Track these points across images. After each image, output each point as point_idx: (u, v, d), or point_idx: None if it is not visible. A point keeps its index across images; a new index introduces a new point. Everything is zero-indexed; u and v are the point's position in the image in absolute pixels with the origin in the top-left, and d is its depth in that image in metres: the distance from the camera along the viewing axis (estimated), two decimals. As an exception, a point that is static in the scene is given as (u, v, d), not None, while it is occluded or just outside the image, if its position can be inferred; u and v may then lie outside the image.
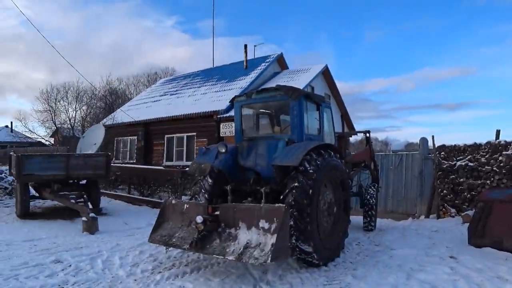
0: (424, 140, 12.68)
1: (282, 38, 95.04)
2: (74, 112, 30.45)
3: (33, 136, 32.89)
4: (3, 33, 68.45)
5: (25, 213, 9.86)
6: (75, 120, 29.92)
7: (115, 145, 22.89)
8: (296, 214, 5.51)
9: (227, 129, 16.55)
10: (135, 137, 21.53)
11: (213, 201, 6.22)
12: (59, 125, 30.91)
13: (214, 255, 5.05)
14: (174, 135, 19.46)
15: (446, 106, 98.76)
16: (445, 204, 11.01)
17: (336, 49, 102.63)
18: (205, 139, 17.93)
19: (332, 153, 6.53)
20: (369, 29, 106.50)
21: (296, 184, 5.68)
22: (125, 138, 22.30)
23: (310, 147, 5.97)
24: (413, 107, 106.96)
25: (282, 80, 19.27)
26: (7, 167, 13.92)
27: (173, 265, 6.00)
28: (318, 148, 6.21)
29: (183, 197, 12.44)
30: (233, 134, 7.82)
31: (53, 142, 33.38)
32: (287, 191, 5.73)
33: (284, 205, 4.84)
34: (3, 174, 13.11)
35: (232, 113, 17.02)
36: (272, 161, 6.16)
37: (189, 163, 17.80)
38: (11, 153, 11.46)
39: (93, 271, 5.68)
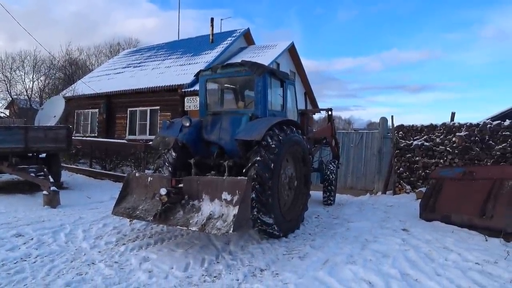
0: (383, 120, 13.10)
1: (252, 13, 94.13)
2: (31, 82, 29.41)
3: (-14, 107, 31.64)
4: None
5: (-18, 187, 9.63)
6: (32, 91, 28.90)
7: (75, 117, 22.38)
8: (258, 187, 5.67)
9: (191, 103, 16.51)
10: (97, 110, 21.11)
11: (177, 175, 6.29)
12: (15, 96, 29.79)
13: (178, 226, 5.17)
14: (137, 109, 19.23)
15: (410, 88, 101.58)
16: (401, 181, 11.52)
17: (306, 26, 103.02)
18: (169, 113, 17.83)
19: (294, 129, 6.70)
20: (342, 8, 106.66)
21: (258, 158, 5.82)
22: (86, 110, 21.82)
23: (273, 123, 6.10)
24: (378, 87, 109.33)
25: (248, 55, 19.27)
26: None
27: (137, 237, 6.09)
28: (281, 124, 6.36)
29: (146, 171, 12.42)
30: (198, 108, 7.86)
31: (8, 114, 32.20)
32: (249, 164, 5.87)
33: (246, 178, 4.98)
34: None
35: (197, 87, 16.88)
36: (236, 135, 6.27)
37: (152, 137, 17.66)
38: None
39: (56, 244, 5.68)
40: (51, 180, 8.69)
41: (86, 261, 5.01)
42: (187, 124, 6.61)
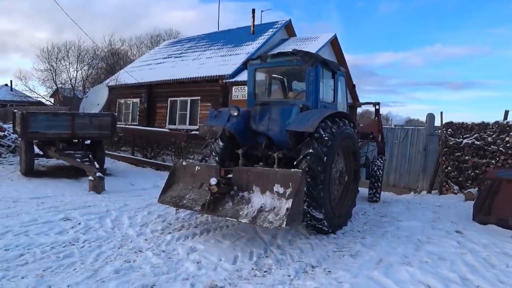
0: (431, 116, 12.59)
1: (291, 6, 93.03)
2: (75, 72, 30.21)
3: (33, 95, 32.72)
4: None
5: (30, 171, 9.80)
6: (76, 80, 29.69)
7: (117, 106, 22.73)
8: (309, 181, 5.46)
9: (239, 93, 16.27)
10: (138, 99, 21.35)
11: (225, 165, 6.16)
12: (60, 85, 30.66)
13: (227, 218, 5.01)
14: (178, 99, 19.27)
15: (452, 85, 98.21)
16: (449, 181, 11.03)
17: (346, 20, 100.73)
18: (209, 104, 17.76)
19: (347, 122, 6.43)
20: (383, 2, 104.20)
21: (310, 150, 5.60)
22: (128, 99, 22.12)
23: (326, 114, 5.86)
24: (418, 83, 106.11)
25: (290, 47, 18.89)
26: (10, 125, 13.83)
27: (182, 227, 6.00)
28: (333, 116, 6.11)
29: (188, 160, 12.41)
30: (245, 98, 7.69)
31: (53, 102, 33.20)
32: (301, 157, 5.66)
33: (300, 170, 4.77)
34: (6, 132, 12.98)
35: (239, 77, 16.89)
36: (287, 126, 6.07)
37: (192, 127, 17.79)
38: (15, 110, 11.31)
39: (103, 229, 5.66)
40: (97, 166, 8.74)
41: (133, 249, 4.95)
42: (235, 114, 6.45)
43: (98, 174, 8.27)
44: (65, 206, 6.91)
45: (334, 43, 21.08)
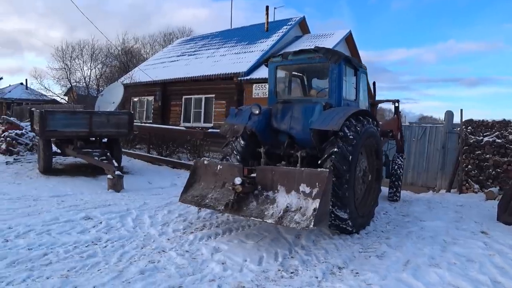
0: (449, 114, 12.37)
1: (302, 3, 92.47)
2: (89, 70, 30.41)
3: (48, 94, 32.99)
4: None
5: (48, 169, 9.83)
6: (90, 78, 29.89)
7: (131, 104, 22.80)
8: (334, 180, 5.35)
9: (259, 91, 16.15)
10: (152, 97, 21.38)
11: (249, 164, 6.08)
12: (74, 83, 30.89)
13: (252, 218, 4.92)
14: (192, 96, 19.26)
15: (466, 81, 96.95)
16: (469, 180, 10.82)
17: (358, 16, 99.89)
18: (224, 101, 17.74)
19: (371, 120, 6.31)
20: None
21: (335, 149, 5.49)
22: (142, 97, 22.17)
23: (350, 113, 5.75)
24: (431, 80, 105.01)
25: (305, 44, 18.76)
26: (28, 123, 13.91)
27: (204, 226, 5.93)
28: (357, 114, 6.00)
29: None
30: (266, 96, 7.61)
31: (67, 100, 33.46)
32: (325, 156, 5.55)
33: (327, 170, 4.67)
34: (24, 130, 13.05)
35: (253, 75, 16.81)
36: (310, 125, 5.97)
37: (207, 124, 17.76)
38: (33, 109, 11.35)
39: (125, 229, 5.62)
40: (115, 164, 8.72)
41: (157, 249, 4.89)
42: (257, 112, 6.36)
43: (117, 172, 8.25)
44: (85, 205, 6.88)
45: (349, 39, 20.91)
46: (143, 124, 16.01)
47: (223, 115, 17.69)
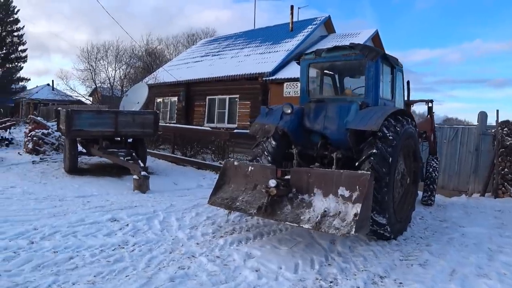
0: (483, 115, 11.84)
1: (324, 4, 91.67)
2: (114, 71, 30.65)
3: (73, 94, 33.41)
4: None
5: (73, 169, 9.76)
6: (114, 79, 30.11)
7: (155, 105, 22.78)
8: (373, 183, 5.04)
9: (291, 89, 15.73)
10: (176, 98, 21.31)
11: (282, 165, 5.83)
12: (99, 84, 31.21)
13: (287, 223, 4.64)
14: (216, 97, 19.07)
15: (493, 82, 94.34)
16: (505, 183, 10.32)
17: (381, 16, 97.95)
18: (248, 102, 17.50)
19: (409, 120, 5.98)
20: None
21: (374, 150, 5.18)
22: (166, 98, 22.12)
23: (389, 112, 5.43)
24: (457, 80, 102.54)
25: (330, 44, 18.34)
26: (54, 123, 13.97)
27: (234, 230, 5.68)
28: (396, 114, 5.67)
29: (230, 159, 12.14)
30: (297, 95, 7.34)
31: (92, 101, 33.84)
32: (363, 157, 5.24)
33: (369, 172, 4.36)
34: (50, 130, 13.09)
35: (279, 75, 16.53)
36: (346, 124, 5.67)
37: (231, 125, 17.54)
38: (59, 108, 11.33)
39: (152, 232, 5.41)
40: (141, 165, 8.56)
41: (186, 254, 4.66)
42: (289, 111, 6.09)
43: (143, 173, 8.08)
44: (111, 206, 6.72)
45: (375, 39, 20.41)
46: (167, 124, 15.89)
47: (248, 115, 17.47)
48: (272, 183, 4.62)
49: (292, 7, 21.26)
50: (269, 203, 4.74)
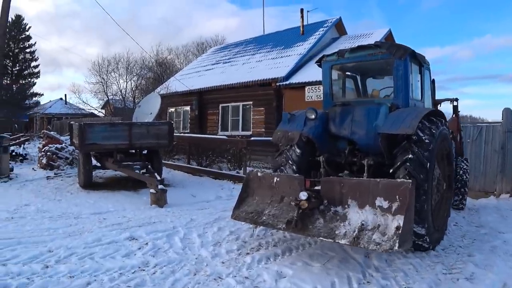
0: (508, 111, 11.31)
1: (330, 7, 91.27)
2: (125, 83, 30.62)
3: (86, 108, 33.47)
4: (60, 10, 71.37)
5: (88, 184, 9.50)
6: (126, 91, 30.07)
7: (167, 115, 22.57)
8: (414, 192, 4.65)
9: (313, 93, 15.17)
10: (188, 107, 21.07)
11: (311, 175, 5.47)
12: (111, 96, 31.20)
13: (320, 238, 4.26)
14: (229, 104, 18.76)
15: (506, 77, 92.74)
16: (536, 182, 9.82)
17: (389, 16, 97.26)
18: (262, 108, 17.17)
19: (443, 121, 5.58)
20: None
21: (410, 156, 4.79)
22: (178, 107, 21.90)
23: (423, 113, 5.03)
24: (468, 77, 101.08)
25: (343, 45, 17.94)
26: (67, 137, 13.78)
27: (260, 245, 5.30)
28: (429, 115, 5.27)
29: (248, 169, 11.80)
30: (320, 99, 6.97)
31: (104, 113, 33.87)
32: (398, 164, 4.85)
33: (409, 181, 3.97)
34: (64, 144, 12.90)
35: (293, 80, 16.15)
36: (376, 128, 5.29)
37: (245, 132, 17.20)
38: (72, 122, 11.11)
39: (173, 250, 5.07)
40: (158, 178, 8.23)
41: (212, 275, 4.30)
42: (313, 117, 5.72)
43: (160, 186, 7.75)
44: (129, 223, 6.40)
45: (388, 39, 19.92)
46: (182, 135, 15.60)
47: (262, 122, 17.14)
48: (303, 195, 4.25)
49: (302, 10, 20.98)
50: (300, 217, 4.37)
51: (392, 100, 5.61)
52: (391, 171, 4.91)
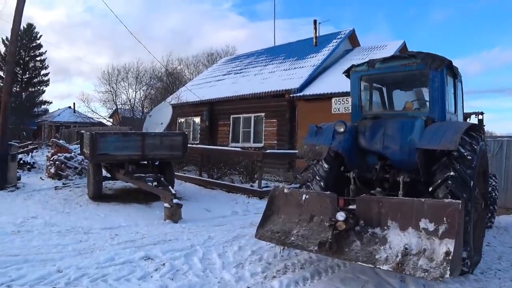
0: (529, 124, 10.97)
1: (339, 20, 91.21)
2: (134, 92, 30.52)
3: (94, 116, 33.35)
4: (72, 20, 72.22)
5: (98, 195, 9.14)
6: (135, 100, 29.95)
7: (177, 125, 22.33)
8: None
9: (340, 105, 14.67)
10: (199, 118, 20.81)
11: (344, 192, 5.12)
12: (120, 106, 31.09)
13: (359, 262, 3.90)
14: (241, 116, 18.47)
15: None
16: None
17: (397, 29, 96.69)
18: (274, 120, 16.85)
19: (482, 136, 5.23)
20: (435, 8, 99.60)
21: (451, 173, 4.43)
22: (189, 118, 21.65)
23: (464, 128, 4.69)
24: (477, 91, 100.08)
25: (357, 58, 17.71)
26: (76, 146, 13.51)
27: (286, 267, 4.91)
28: (468, 130, 4.93)
29: (263, 182, 11.46)
30: (348, 111, 6.64)
31: (112, 122, 33.75)
32: (439, 181, 4.49)
33: (459, 201, 3.62)
34: (73, 153, 12.62)
35: (307, 91, 15.85)
36: (413, 143, 4.95)
37: (257, 144, 16.85)
38: (82, 131, 10.83)
39: (193, 272, 4.68)
40: (172, 191, 7.87)
41: (238, 302, 3.95)
42: (342, 130, 5.39)
43: (175, 200, 7.37)
44: (143, 240, 6.03)
45: (403, 51, 19.62)
46: (194, 146, 15.29)
47: (274, 134, 16.82)
48: (341, 216, 3.89)
49: (315, 21, 20.74)
50: (334, 238, 4.02)
51: (428, 113, 5.27)
52: (430, 189, 4.55)
